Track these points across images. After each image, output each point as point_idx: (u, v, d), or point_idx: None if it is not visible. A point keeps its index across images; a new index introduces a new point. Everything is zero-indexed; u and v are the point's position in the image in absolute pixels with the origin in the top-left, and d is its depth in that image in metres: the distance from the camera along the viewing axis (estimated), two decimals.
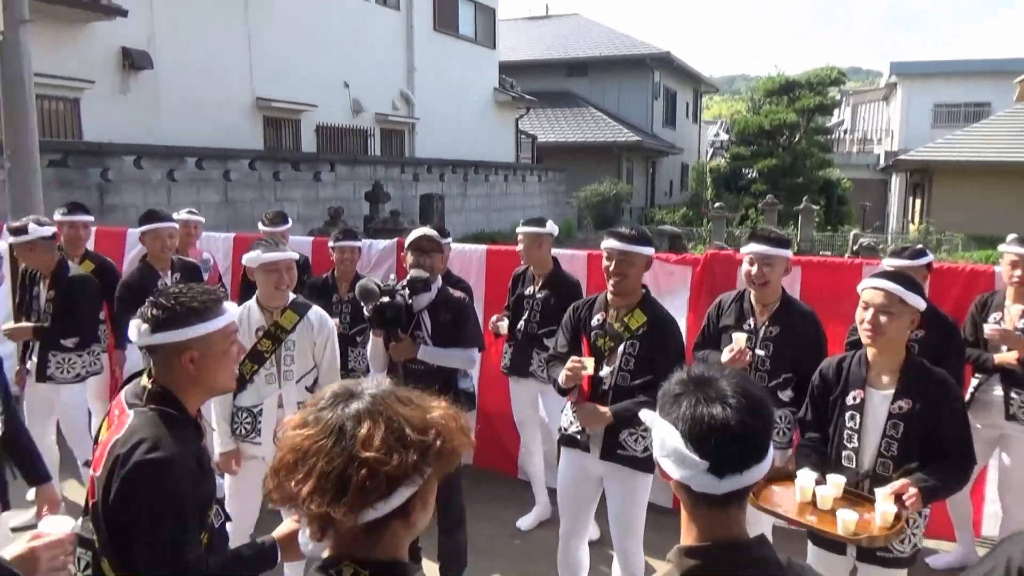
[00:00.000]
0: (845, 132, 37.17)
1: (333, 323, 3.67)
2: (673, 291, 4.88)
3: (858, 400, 2.80)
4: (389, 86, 16.86)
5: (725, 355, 3.46)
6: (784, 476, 2.81)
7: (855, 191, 27.36)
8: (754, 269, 3.50)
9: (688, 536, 1.39)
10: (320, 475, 1.17)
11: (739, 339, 3.43)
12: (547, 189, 21.49)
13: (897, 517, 2.50)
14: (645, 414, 1.43)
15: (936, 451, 2.68)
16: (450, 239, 4.78)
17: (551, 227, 4.63)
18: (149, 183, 10.14)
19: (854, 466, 2.79)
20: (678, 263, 4.96)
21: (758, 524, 2.89)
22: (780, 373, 3.52)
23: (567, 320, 3.59)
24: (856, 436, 2.79)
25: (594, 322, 3.45)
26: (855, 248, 13.56)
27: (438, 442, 1.24)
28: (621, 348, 3.29)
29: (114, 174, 9.65)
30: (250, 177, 11.65)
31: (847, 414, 2.82)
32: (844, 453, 2.83)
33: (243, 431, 3.44)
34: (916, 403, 2.69)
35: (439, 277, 3.90)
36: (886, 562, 2.73)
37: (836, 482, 2.69)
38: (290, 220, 5.59)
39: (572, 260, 5.00)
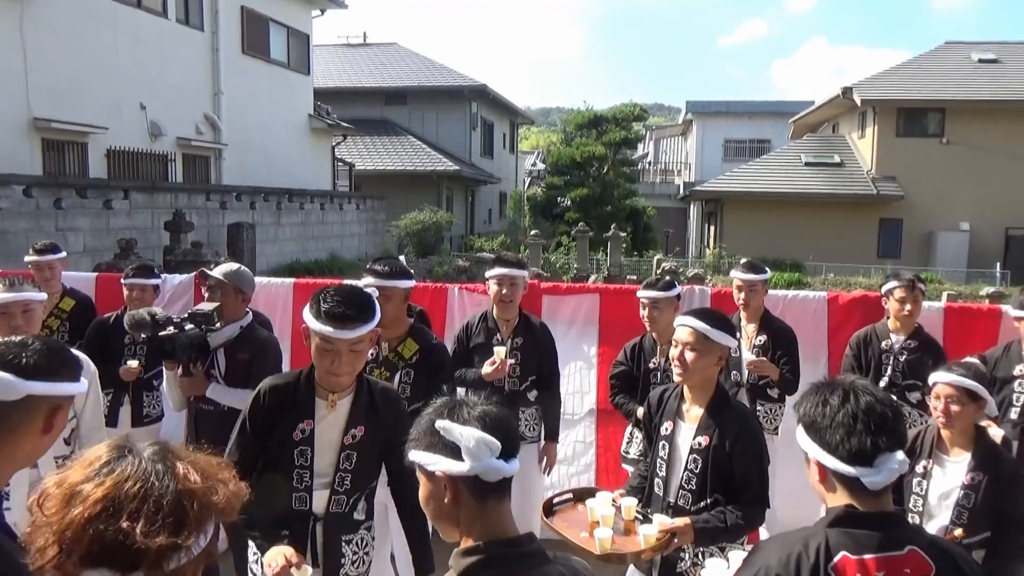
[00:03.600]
0: (649, 164, 39.98)
1: (93, 366, 3.29)
2: None
3: (668, 431, 2.85)
4: (193, 109, 15.89)
5: (487, 368, 3.79)
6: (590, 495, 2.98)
7: (659, 219, 29.45)
8: (504, 290, 3.93)
9: (467, 541, 1.52)
10: (155, 510, 1.14)
11: (499, 352, 3.80)
12: (366, 217, 21.18)
13: (659, 538, 2.60)
14: (440, 423, 1.53)
15: (732, 489, 2.68)
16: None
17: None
18: None
19: (662, 495, 2.84)
20: (483, 294, 5.02)
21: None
22: (527, 376, 4.02)
23: None
24: (665, 466, 2.84)
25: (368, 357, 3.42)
26: (658, 272, 14.53)
27: (231, 484, 1.26)
28: (397, 377, 3.33)
29: None
30: (25, 205, 10.45)
31: (660, 443, 2.88)
32: (655, 481, 2.88)
33: None
34: (713, 439, 2.71)
35: (248, 314, 3.74)
36: None
37: (626, 504, 2.80)
38: (63, 250, 5.03)
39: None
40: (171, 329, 3.41)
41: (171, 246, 12.01)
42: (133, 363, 4.36)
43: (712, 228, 24.82)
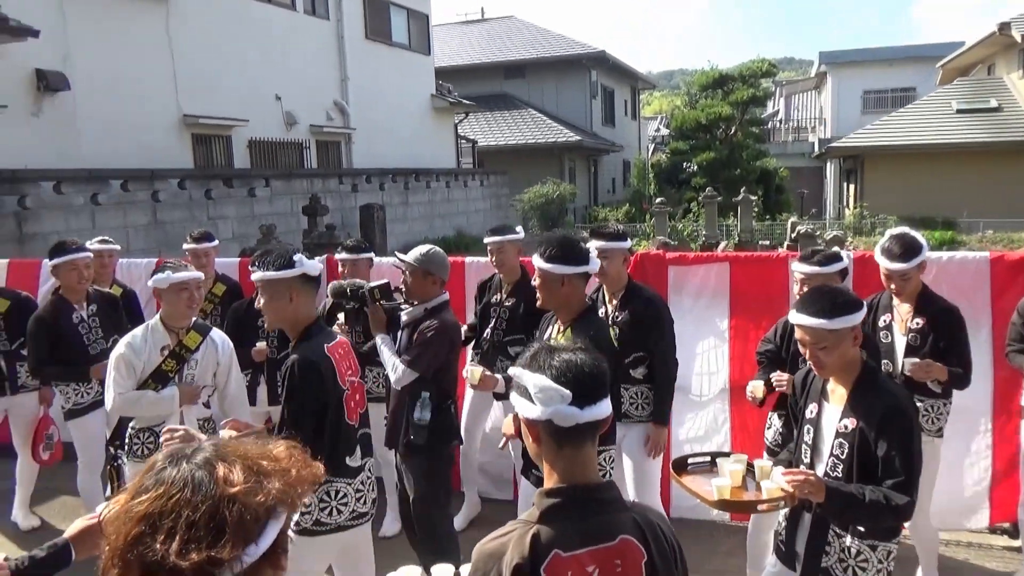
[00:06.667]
0: (780, 122, 38.01)
1: (231, 344, 3.73)
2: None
3: (814, 414, 2.67)
4: (322, 97, 16.59)
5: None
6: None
7: (792, 179, 27.95)
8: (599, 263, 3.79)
9: (550, 481, 1.64)
10: (188, 525, 1.06)
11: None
12: (490, 193, 21.43)
13: (784, 493, 2.47)
14: (512, 371, 1.69)
15: (878, 480, 2.43)
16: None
17: (518, 233, 4.66)
18: (71, 208, 9.75)
19: None
20: None
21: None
22: (630, 352, 3.79)
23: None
24: (810, 451, 2.65)
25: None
26: (793, 236, 13.80)
27: (293, 470, 1.19)
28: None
29: (32, 201, 9.26)
30: (180, 197, 11.31)
31: (805, 427, 2.70)
32: (801, 467, 2.65)
33: (145, 451, 3.41)
34: (860, 422, 2.48)
35: (441, 296, 3.73)
36: None
37: (760, 465, 2.77)
38: (216, 239, 5.41)
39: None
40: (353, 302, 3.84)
41: (309, 229, 12.64)
42: (261, 344, 4.62)
43: (851, 187, 23.30)
